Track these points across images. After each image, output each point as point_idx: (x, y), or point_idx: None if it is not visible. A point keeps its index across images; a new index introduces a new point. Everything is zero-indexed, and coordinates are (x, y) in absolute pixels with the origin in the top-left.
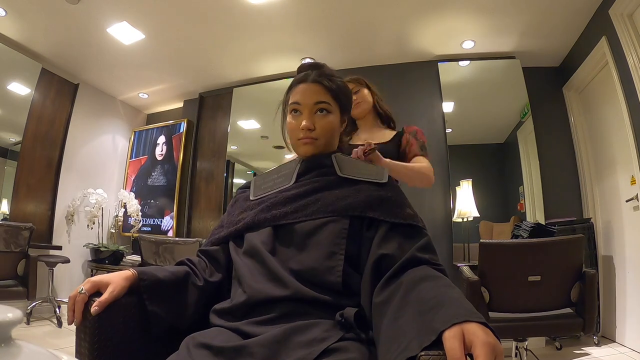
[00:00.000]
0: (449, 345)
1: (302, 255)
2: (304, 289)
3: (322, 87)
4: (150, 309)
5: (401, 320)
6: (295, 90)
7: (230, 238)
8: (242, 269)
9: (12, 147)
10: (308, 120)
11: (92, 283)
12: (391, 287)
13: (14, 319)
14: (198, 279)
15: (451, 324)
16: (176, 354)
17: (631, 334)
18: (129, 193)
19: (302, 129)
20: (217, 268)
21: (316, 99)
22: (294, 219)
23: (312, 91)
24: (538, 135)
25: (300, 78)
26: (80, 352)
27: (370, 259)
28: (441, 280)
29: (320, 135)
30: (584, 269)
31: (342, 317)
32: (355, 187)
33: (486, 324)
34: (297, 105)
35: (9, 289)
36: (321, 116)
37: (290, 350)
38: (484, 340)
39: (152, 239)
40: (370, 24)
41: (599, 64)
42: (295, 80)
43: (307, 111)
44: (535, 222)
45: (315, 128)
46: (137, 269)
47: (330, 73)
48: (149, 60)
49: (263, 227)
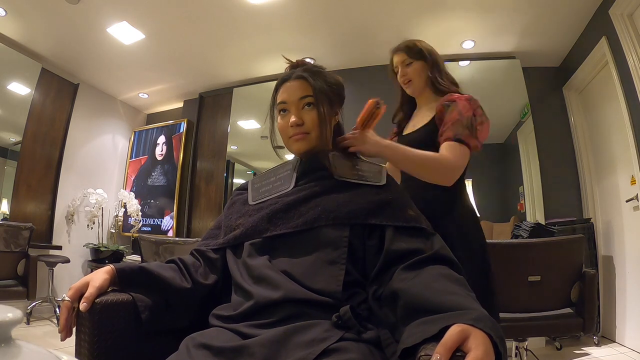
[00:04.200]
0: (447, 335)
1: (303, 263)
2: (304, 292)
3: (306, 82)
4: (134, 296)
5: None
6: (281, 90)
7: (228, 246)
8: (241, 275)
9: (12, 147)
10: (296, 115)
11: (73, 289)
12: (415, 271)
13: (14, 319)
14: (185, 280)
15: (465, 323)
16: (176, 354)
17: (631, 334)
18: (129, 193)
19: (291, 126)
20: (213, 270)
21: (301, 94)
22: (294, 227)
23: (296, 87)
24: (538, 135)
25: (284, 77)
26: (80, 352)
27: (380, 261)
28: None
29: (310, 129)
30: (584, 269)
31: (339, 318)
32: (355, 191)
33: (496, 343)
34: (284, 105)
35: (9, 289)
36: (308, 110)
37: (290, 350)
38: (478, 355)
39: (152, 239)
40: (370, 24)
41: (599, 64)
42: (280, 81)
43: (294, 108)
44: (535, 222)
45: (305, 122)
46: (115, 264)
47: (314, 68)
48: (149, 60)
49: (263, 235)
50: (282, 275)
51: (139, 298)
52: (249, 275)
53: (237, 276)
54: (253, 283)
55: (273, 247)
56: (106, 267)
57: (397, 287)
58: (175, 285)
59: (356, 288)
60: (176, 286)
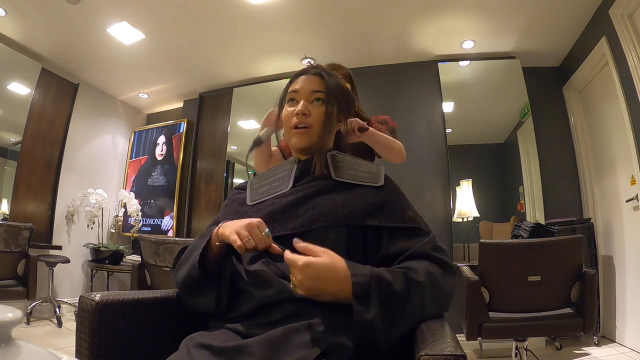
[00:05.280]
0: None
1: None
2: None
3: (322, 79)
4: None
5: None
6: (295, 81)
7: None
8: (240, 275)
9: (12, 147)
10: (303, 105)
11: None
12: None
13: (14, 319)
14: None
15: None
16: (176, 354)
17: (631, 334)
18: (129, 193)
19: (297, 114)
20: None
21: (314, 88)
22: (292, 229)
23: (311, 81)
24: (538, 135)
25: (301, 71)
26: (80, 352)
27: (377, 262)
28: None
29: (314, 123)
30: (584, 269)
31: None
32: (353, 191)
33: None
34: (294, 94)
35: (9, 289)
36: (317, 105)
37: (290, 350)
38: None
39: (152, 239)
40: (370, 24)
41: (599, 64)
42: (296, 74)
43: (303, 98)
44: (535, 222)
45: (311, 114)
46: None
47: (332, 71)
48: (149, 60)
49: None
50: (281, 276)
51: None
52: (247, 275)
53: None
54: (252, 283)
55: None
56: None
57: None
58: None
59: None
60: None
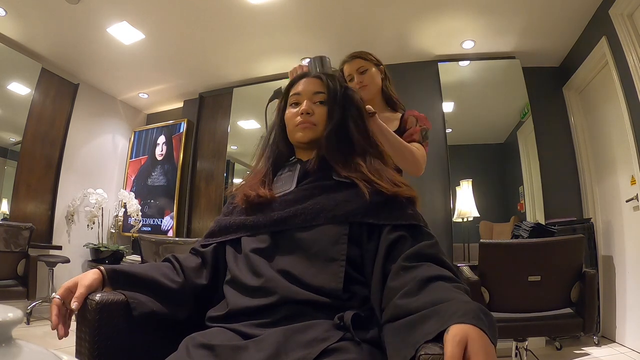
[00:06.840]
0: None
1: (302, 261)
2: (304, 292)
3: (323, 82)
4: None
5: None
6: (297, 84)
7: (227, 242)
8: (240, 273)
9: (12, 147)
10: (307, 104)
11: (63, 288)
12: (405, 277)
13: (14, 318)
14: (178, 276)
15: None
16: (176, 354)
17: (631, 334)
18: (129, 193)
19: (301, 113)
20: (210, 267)
21: (316, 89)
22: (293, 224)
23: (313, 83)
24: (538, 135)
25: (302, 74)
26: (80, 352)
27: (378, 263)
28: (450, 281)
29: (318, 122)
30: (584, 269)
31: (341, 320)
32: (355, 190)
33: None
34: (297, 97)
35: (9, 289)
36: (320, 105)
37: (290, 350)
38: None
39: (152, 239)
40: (370, 24)
41: (599, 64)
42: (297, 77)
43: (306, 99)
44: (535, 222)
45: (314, 113)
46: (104, 265)
47: (333, 74)
48: (149, 60)
49: (261, 232)
50: (282, 274)
51: (130, 295)
52: (248, 271)
53: (236, 272)
54: (252, 282)
55: (273, 244)
56: (94, 269)
57: (389, 285)
58: (165, 283)
59: (357, 286)
60: (166, 284)
